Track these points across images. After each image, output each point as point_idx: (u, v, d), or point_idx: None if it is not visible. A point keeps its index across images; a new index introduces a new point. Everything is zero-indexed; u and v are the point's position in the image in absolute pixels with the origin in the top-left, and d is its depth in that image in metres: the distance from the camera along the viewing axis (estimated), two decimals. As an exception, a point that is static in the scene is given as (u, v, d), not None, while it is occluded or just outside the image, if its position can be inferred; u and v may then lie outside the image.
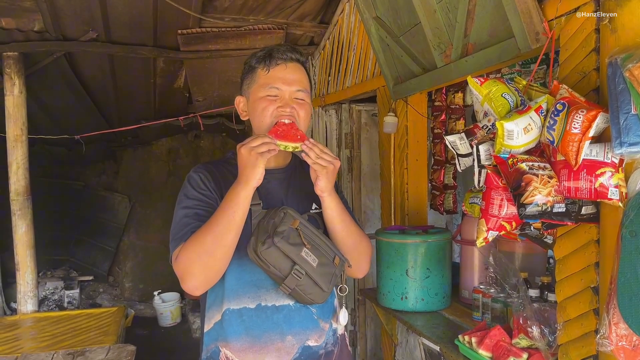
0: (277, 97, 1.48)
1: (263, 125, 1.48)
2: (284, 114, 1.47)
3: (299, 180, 1.60)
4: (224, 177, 1.52)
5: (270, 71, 1.48)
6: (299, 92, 1.50)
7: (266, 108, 1.47)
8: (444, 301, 2.58)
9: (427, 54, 2.44)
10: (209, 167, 1.55)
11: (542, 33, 1.68)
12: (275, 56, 1.49)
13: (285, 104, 1.48)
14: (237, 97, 1.59)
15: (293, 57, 1.52)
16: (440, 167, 3.06)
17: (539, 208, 1.40)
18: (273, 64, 1.49)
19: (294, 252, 1.37)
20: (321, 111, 4.30)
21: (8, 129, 3.88)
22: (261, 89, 1.48)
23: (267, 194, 1.52)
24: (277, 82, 1.48)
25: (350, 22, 3.62)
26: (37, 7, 3.42)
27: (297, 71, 1.52)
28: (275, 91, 1.48)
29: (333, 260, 1.44)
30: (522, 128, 1.47)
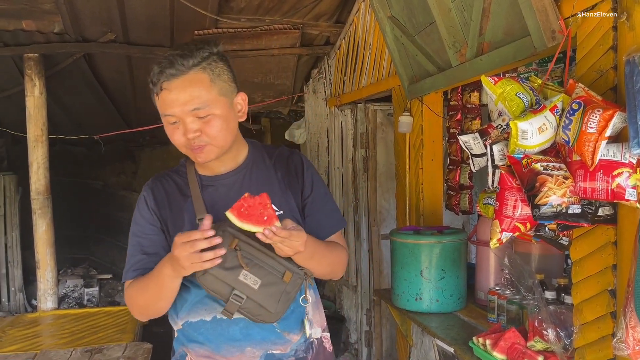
0: (179, 122, 1.33)
1: (183, 151, 1.38)
2: (193, 141, 1.32)
3: (255, 180, 1.46)
4: (167, 193, 1.44)
5: (160, 96, 1.33)
6: (196, 111, 1.31)
7: (173, 137, 1.35)
8: (459, 302, 2.56)
9: (442, 53, 2.42)
10: (155, 183, 1.47)
11: (558, 31, 1.66)
12: (158, 80, 1.32)
13: (186, 130, 1.31)
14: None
15: (180, 67, 1.30)
16: (456, 167, 3.03)
17: (554, 209, 1.38)
18: (158, 88, 1.32)
19: (230, 277, 1.28)
20: (337, 111, 4.30)
21: (29, 129, 3.94)
22: (162, 116, 1.35)
23: (214, 204, 1.40)
24: (168, 109, 1.31)
25: (365, 22, 3.61)
26: (57, 9, 3.48)
27: (186, 86, 1.30)
28: (171, 119, 1.33)
29: (282, 277, 1.32)
30: (536, 128, 1.45)
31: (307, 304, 1.41)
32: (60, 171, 5.34)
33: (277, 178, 1.47)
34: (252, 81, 4.89)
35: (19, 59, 4.07)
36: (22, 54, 3.90)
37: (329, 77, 4.47)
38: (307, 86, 5.09)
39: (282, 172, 1.49)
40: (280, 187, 1.46)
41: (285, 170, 1.50)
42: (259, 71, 4.72)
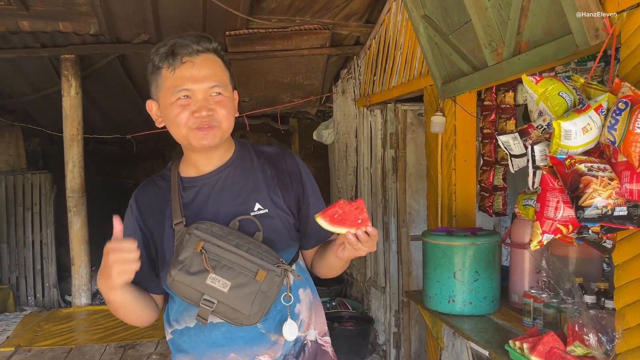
0: (190, 100, 1.29)
1: (180, 135, 1.32)
2: (201, 119, 1.28)
3: (238, 178, 1.41)
4: (151, 199, 1.39)
5: (176, 71, 1.28)
6: (213, 88, 1.30)
7: (179, 116, 1.29)
8: (492, 305, 2.52)
9: (478, 52, 2.39)
10: (140, 191, 1.43)
11: (602, 29, 1.62)
12: (179, 53, 1.29)
13: (200, 107, 1.28)
14: (148, 102, 1.39)
15: (200, 48, 1.30)
16: (490, 168, 2.99)
17: (599, 211, 1.35)
18: (178, 62, 1.28)
19: (197, 282, 1.22)
20: (366, 111, 4.28)
21: (65, 128, 4.04)
22: (170, 94, 1.29)
23: (195, 205, 1.36)
24: (186, 83, 1.28)
25: (397, 21, 3.59)
26: (93, 11, 3.55)
27: (209, 64, 1.31)
28: (186, 93, 1.29)
29: (255, 276, 1.24)
30: (580, 128, 1.42)
31: (289, 302, 1.34)
32: (93, 170, 5.46)
33: (264, 176, 1.41)
34: (281, 81, 4.92)
35: (56, 59, 4.17)
36: (59, 55, 3.99)
37: (358, 77, 4.46)
38: (336, 86, 5.08)
39: (272, 170, 1.43)
40: (267, 185, 1.41)
41: (275, 170, 1.44)
42: (288, 72, 4.75)
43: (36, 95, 5.07)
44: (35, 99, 5.15)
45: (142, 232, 1.37)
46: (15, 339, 3.50)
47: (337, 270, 1.46)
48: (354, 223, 1.20)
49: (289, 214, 1.41)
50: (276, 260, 1.27)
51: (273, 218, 1.37)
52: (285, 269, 1.28)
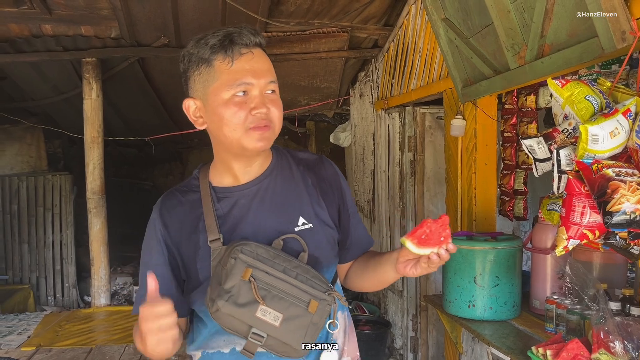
0: (246, 97, 1.16)
1: (233, 137, 1.16)
2: (260, 117, 1.16)
3: (280, 189, 1.27)
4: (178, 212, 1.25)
5: (234, 63, 1.15)
6: (270, 84, 1.18)
7: (236, 115, 1.15)
8: (513, 310, 2.49)
9: (499, 56, 2.37)
10: (164, 202, 1.27)
11: (629, 32, 1.59)
12: (237, 42, 1.16)
13: (258, 104, 1.15)
14: (186, 101, 1.23)
15: (257, 40, 1.18)
16: (511, 171, 2.96)
17: (627, 217, 1.32)
18: (237, 53, 1.15)
19: (246, 315, 1.09)
20: (384, 114, 4.27)
21: (86, 130, 4.09)
22: (226, 89, 1.15)
23: (232, 219, 1.22)
24: (247, 77, 1.15)
25: (416, 24, 3.58)
26: (114, 15, 3.60)
27: (264, 58, 1.20)
28: (246, 87, 1.15)
29: (307, 307, 1.12)
30: (608, 132, 1.40)
31: (335, 330, 1.24)
32: (112, 172, 5.53)
33: (305, 186, 1.29)
34: (298, 84, 4.93)
35: (77, 63, 4.23)
36: (81, 59, 4.05)
37: (376, 80, 4.45)
38: (354, 89, 5.08)
39: (312, 179, 1.31)
40: (309, 196, 1.29)
41: (316, 178, 1.32)
42: (305, 74, 4.76)
43: (58, 98, 5.15)
44: (57, 101, 5.22)
45: (168, 250, 1.23)
46: (36, 338, 3.55)
47: (385, 286, 1.37)
48: (437, 241, 1.13)
49: (333, 228, 1.30)
50: (326, 287, 1.16)
51: (318, 234, 1.25)
52: (334, 296, 1.17)
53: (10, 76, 4.82)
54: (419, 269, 1.17)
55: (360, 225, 1.40)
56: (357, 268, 1.38)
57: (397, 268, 1.22)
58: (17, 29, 3.79)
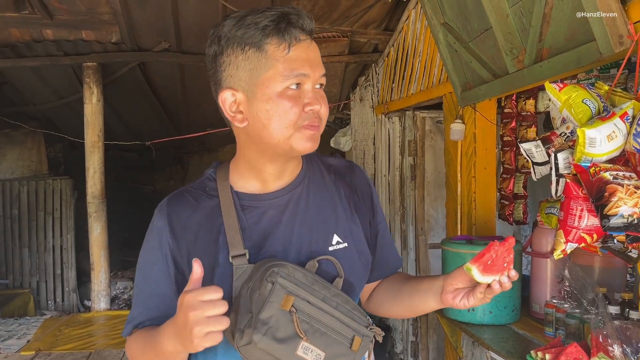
0: (300, 91, 0.99)
1: (282, 136, 0.99)
2: (313, 115, 1.00)
3: (312, 198, 1.11)
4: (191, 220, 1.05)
5: (291, 50, 0.98)
6: (322, 78, 1.03)
7: (291, 110, 0.98)
8: (513, 315, 2.49)
9: (498, 60, 2.38)
10: (172, 206, 1.07)
11: (627, 36, 1.60)
12: (296, 25, 0.99)
13: (312, 99, 1.00)
14: (224, 92, 1.02)
15: (311, 27, 1.02)
16: (510, 175, 2.97)
17: (625, 220, 1.33)
18: (294, 38, 0.98)
19: (285, 352, 0.90)
20: (384, 118, 4.28)
21: (86, 135, 4.10)
22: (281, 80, 0.97)
23: (261, 232, 1.04)
24: (305, 67, 0.98)
25: (415, 29, 3.59)
26: (115, 20, 3.61)
27: (317, 49, 1.04)
28: (302, 79, 0.99)
29: (351, 345, 0.96)
30: (605, 135, 1.40)
31: None
32: (112, 176, 5.55)
33: (339, 197, 1.14)
34: (299, 89, 4.94)
35: (78, 67, 4.25)
36: (82, 63, 4.06)
37: (377, 85, 4.46)
38: (354, 93, 5.09)
39: (345, 190, 1.15)
40: (344, 210, 1.13)
41: (348, 188, 1.16)
42: (305, 79, 4.77)
43: (58, 103, 5.17)
44: (58, 106, 5.24)
45: (176, 267, 1.05)
46: (36, 342, 3.55)
47: (419, 314, 1.22)
48: (501, 267, 0.98)
49: (366, 247, 1.14)
50: (366, 320, 1.01)
51: (353, 255, 1.09)
52: (375, 332, 1.01)
53: (12, 81, 4.84)
54: (473, 300, 1.03)
55: (391, 242, 1.25)
56: (386, 292, 1.22)
57: (443, 299, 1.07)
58: (18, 34, 3.80)
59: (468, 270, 0.99)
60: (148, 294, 1.07)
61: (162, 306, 1.05)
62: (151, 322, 1.06)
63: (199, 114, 5.65)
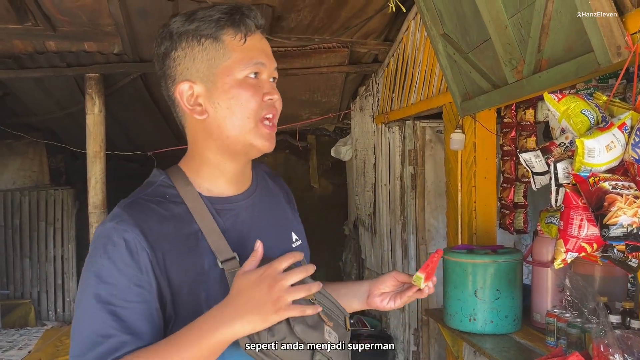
0: (258, 80, 1.01)
1: (242, 129, 0.99)
2: (271, 106, 1.02)
3: (268, 200, 1.14)
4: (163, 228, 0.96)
5: (247, 40, 0.99)
6: (276, 72, 1.06)
7: (253, 98, 0.99)
8: (514, 324, 2.49)
9: (497, 70, 2.40)
10: (142, 218, 0.95)
11: (624, 47, 1.62)
12: (250, 17, 1.00)
13: (270, 89, 1.02)
14: (181, 84, 1.00)
15: (263, 24, 1.04)
16: (510, 185, 2.98)
17: (624, 229, 1.33)
18: (250, 29, 1.00)
19: (317, 338, 0.91)
20: (384, 128, 4.30)
21: (88, 145, 4.11)
22: (240, 68, 0.98)
23: (238, 234, 1.02)
24: (261, 56, 1.01)
25: (415, 40, 3.61)
26: (117, 31, 3.64)
27: (269, 44, 1.07)
28: (260, 68, 1.00)
29: (345, 325, 1.02)
30: (604, 145, 1.41)
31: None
32: (114, 186, 5.56)
33: (284, 200, 1.21)
34: (299, 99, 4.97)
35: (80, 78, 4.27)
36: (84, 74, 4.09)
37: (377, 95, 4.49)
38: (354, 103, 5.12)
39: (282, 193, 1.22)
40: (290, 211, 1.20)
41: (282, 192, 1.23)
42: (306, 89, 4.79)
43: (61, 113, 5.19)
44: (60, 116, 5.26)
45: (157, 281, 0.94)
46: (37, 353, 3.54)
47: None
48: (432, 274, 1.13)
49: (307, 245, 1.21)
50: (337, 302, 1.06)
51: (306, 251, 1.16)
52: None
53: (14, 92, 4.86)
54: (400, 302, 1.14)
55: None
56: None
57: (370, 302, 1.16)
58: (21, 45, 3.83)
59: (419, 278, 1.11)
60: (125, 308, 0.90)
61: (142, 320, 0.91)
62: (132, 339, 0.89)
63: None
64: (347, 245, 5.86)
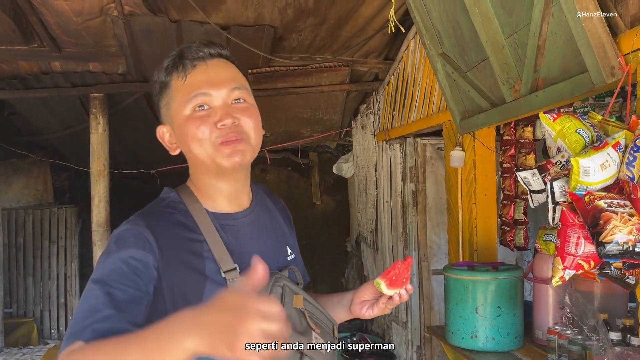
0: (209, 111, 1.07)
1: (204, 155, 1.07)
2: (227, 129, 1.06)
3: (266, 215, 1.23)
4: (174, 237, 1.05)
5: (187, 78, 1.08)
6: (235, 92, 1.09)
7: (199, 129, 1.06)
8: (516, 341, 2.49)
9: (496, 89, 2.43)
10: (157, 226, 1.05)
11: (617, 67, 1.65)
12: (187, 57, 1.10)
13: (223, 114, 1.06)
14: (159, 128, 1.15)
15: (213, 52, 1.11)
16: (510, 202, 3.00)
17: (620, 247, 1.35)
18: (189, 67, 1.09)
19: (304, 344, 1.02)
20: (385, 145, 4.33)
21: (92, 164, 4.15)
22: (184, 105, 1.07)
23: (239, 248, 1.10)
24: (203, 87, 1.07)
25: (415, 58, 3.66)
26: (121, 52, 3.70)
27: (225, 67, 1.12)
28: (203, 99, 1.07)
29: (333, 333, 1.13)
30: (598, 164, 1.44)
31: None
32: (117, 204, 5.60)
33: (280, 216, 1.29)
34: (301, 117, 5.01)
35: (85, 98, 4.33)
36: (88, 94, 4.14)
37: (377, 112, 4.53)
38: (355, 121, 5.16)
39: (279, 210, 1.31)
40: (286, 226, 1.29)
41: (278, 209, 1.31)
42: (308, 107, 4.84)
43: (65, 132, 5.24)
44: (64, 135, 5.31)
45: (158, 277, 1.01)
46: (39, 372, 3.54)
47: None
48: (402, 283, 1.17)
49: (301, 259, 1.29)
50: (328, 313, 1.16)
51: (299, 263, 1.24)
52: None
53: (20, 111, 4.92)
54: (377, 310, 1.20)
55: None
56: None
57: (353, 310, 1.23)
58: (26, 66, 3.89)
59: (377, 284, 1.17)
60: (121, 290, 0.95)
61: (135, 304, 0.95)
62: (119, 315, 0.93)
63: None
64: (350, 262, 5.87)
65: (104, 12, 3.13)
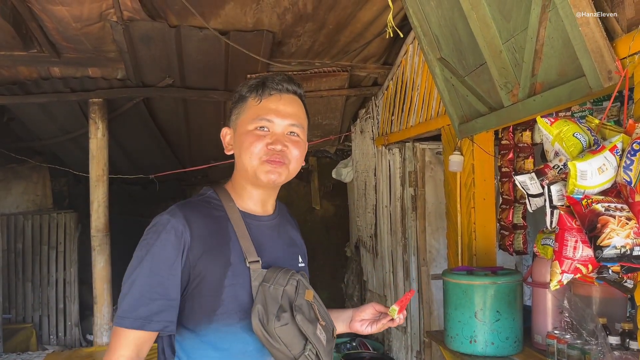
0: (268, 132, 1.29)
1: (249, 165, 1.29)
2: (274, 152, 1.27)
3: (286, 227, 1.44)
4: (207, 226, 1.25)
5: (262, 101, 1.31)
6: (292, 127, 1.31)
7: (253, 144, 1.28)
8: (515, 346, 2.49)
9: (494, 94, 2.44)
10: (193, 216, 1.25)
11: (614, 71, 1.65)
12: (269, 85, 1.32)
13: (276, 140, 1.28)
14: (224, 129, 1.39)
15: (290, 88, 1.33)
16: (509, 206, 3.00)
17: (618, 251, 1.35)
18: (266, 93, 1.31)
19: (310, 330, 1.21)
20: (384, 150, 4.33)
21: (91, 169, 4.15)
22: (250, 121, 1.30)
23: (262, 246, 1.30)
24: (270, 114, 1.29)
25: (413, 63, 3.67)
26: (120, 57, 3.71)
27: (294, 104, 1.33)
28: (265, 123, 1.29)
29: (333, 334, 1.31)
30: (596, 168, 1.44)
31: None
32: (116, 209, 5.60)
33: (295, 229, 1.49)
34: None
35: (84, 103, 4.33)
36: (88, 99, 4.15)
37: (377, 117, 4.53)
38: (355, 126, 5.16)
39: (294, 225, 1.51)
40: (299, 238, 1.48)
41: (295, 225, 1.52)
42: (307, 112, 4.84)
43: (64, 138, 5.24)
44: (63, 141, 5.31)
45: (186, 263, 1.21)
46: (38, 378, 3.53)
47: None
48: (403, 308, 1.40)
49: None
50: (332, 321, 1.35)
51: (307, 274, 1.41)
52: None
53: (19, 116, 4.93)
54: (376, 328, 1.41)
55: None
56: None
57: (352, 326, 1.44)
58: (26, 72, 3.90)
59: (393, 310, 1.39)
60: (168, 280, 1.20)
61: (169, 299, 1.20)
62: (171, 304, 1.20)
63: (202, 148, 5.71)
64: (349, 266, 5.86)
65: (103, 18, 3.14)
